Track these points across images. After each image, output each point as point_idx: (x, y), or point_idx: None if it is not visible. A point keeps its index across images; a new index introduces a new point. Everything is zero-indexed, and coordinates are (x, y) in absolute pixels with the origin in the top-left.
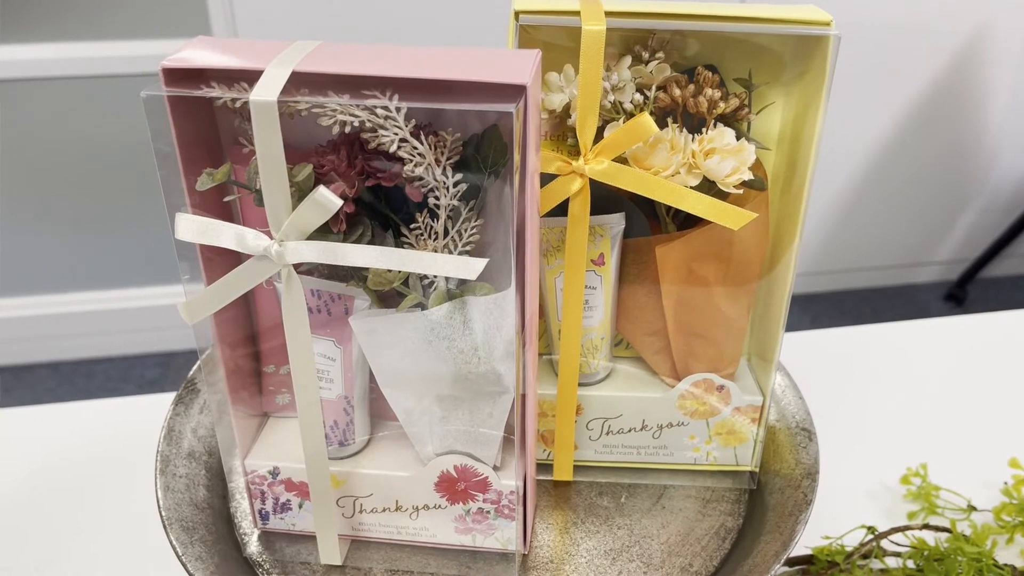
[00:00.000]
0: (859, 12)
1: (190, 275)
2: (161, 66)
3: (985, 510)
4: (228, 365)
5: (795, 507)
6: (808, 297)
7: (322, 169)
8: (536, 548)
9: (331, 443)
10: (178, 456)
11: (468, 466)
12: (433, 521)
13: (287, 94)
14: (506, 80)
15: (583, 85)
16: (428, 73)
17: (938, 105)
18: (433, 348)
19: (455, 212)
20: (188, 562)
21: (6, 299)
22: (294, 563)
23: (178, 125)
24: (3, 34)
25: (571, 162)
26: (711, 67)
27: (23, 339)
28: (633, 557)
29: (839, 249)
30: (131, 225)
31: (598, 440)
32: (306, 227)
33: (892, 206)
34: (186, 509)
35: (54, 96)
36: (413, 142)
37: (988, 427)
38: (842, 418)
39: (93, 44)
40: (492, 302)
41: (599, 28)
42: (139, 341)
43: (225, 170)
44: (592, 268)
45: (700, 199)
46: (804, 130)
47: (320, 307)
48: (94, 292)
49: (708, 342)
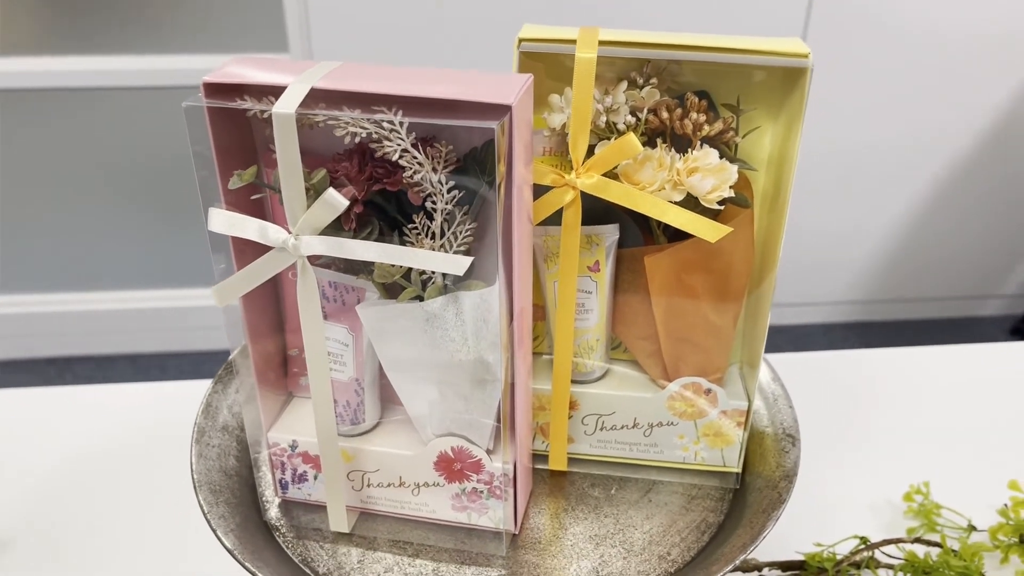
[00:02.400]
0: (936, 22)
1: (225, 265)
2: (202, 80)
3: (984, 531)
4: (257, 349)
5: (769, 505)
6: (864, 325)
7: (336, 174)
8: (527, 529)
9: (343, 421)
10: (213, 428)
11: (463, 448)
12: (433, 498)
13: (307, 108)
14: (493, 100)
15: (576, 106)
16: (426, 93)
17: (1016, 126)
18: (429, 336)
19: (451, 215)
20: (212, 519)
21: (91, 294)
22: (307, 529)
23: (215, 132)
24: (102, 47)
25: (564, 175)
26: (703, 93)
27: (105, 332)
28: (616, 543)
29: (899, 277)
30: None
31: (593, 435)
32: (318, 223)
33: (958, 233)
34: (215, 475)
35: (149, 104)
36: (413, 152)
37: (994, 451)
38: (851, 436)
39: (185, 57)
40: (479, 296)
41: (591, 56)
42: (211, 338)
43: (252, 171)
44: (588, 274)
45: (681, 212)
46: (787, 153)
47: (336, 297)
48: (172, 290)
49: (696, 348)
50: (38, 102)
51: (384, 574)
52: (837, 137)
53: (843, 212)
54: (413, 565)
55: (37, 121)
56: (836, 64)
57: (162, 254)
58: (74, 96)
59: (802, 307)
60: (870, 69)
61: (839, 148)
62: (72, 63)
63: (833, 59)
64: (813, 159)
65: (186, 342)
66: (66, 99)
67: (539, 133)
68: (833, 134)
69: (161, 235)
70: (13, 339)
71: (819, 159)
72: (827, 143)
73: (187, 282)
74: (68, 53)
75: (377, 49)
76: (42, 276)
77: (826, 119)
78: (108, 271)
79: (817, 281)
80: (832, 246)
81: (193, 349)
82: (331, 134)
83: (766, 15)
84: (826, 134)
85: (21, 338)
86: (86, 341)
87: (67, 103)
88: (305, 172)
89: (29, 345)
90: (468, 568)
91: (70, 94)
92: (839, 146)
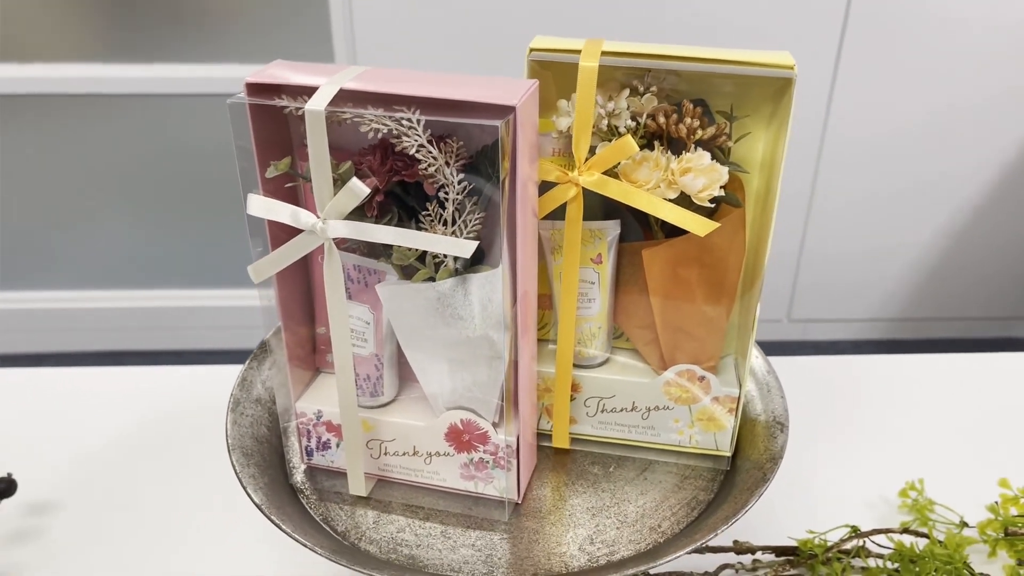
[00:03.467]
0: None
1: (262, 248)
2: (245, 81)
3: (974, 527)
4: (289, 329)
5: (754, 483)
6: (895, 343)
7: (361, 166)
8: (529, 499)
9: (363, 393)
10: (247, 400)
11: (471, 420)
12: (443, 467)
13: (336, 106)
14: (499, 102)
15: (579, 110)
16: (441, 94)
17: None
18: (440, 315)
19: (461, 205)
20: (243, 478)
21: (137, 292)
22: (329, 492)
23: (256, 127)
24: (166, 55)
25: (567, 172)
26: (700, 101)
27: (152, 328)
28: (611, 515)
29: (933, 295)
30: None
31: (594, 417)
32: (344, 209)
33: (994, 251)
34: (248, 440)
35: (194, 110)
36: (429, 147)
37: (988, 452)
38: (848, 433)
39: (236, 67)
40: (485, 278)
41: (593, 65)
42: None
43: (287, 162)
44: (591, 266)
45: (673, 209)
46: (776, 157)
47: (359, 279)
48: (211, 290)
49: (691, 337)
50: (84, 107)
51: (397, 534)
52: (871, 152)
53: (877, 228)
54: (423, 527)
55: (82, 125)
56: (871, 76)
57: (201, 254)
58: (119, 102)
59: (833, 323)
60: (909, 81)
61: (872, 164)
62: (119, 71)
63: (868, 70)
64: (847, 174)
65: (221, 341)
66: (112, 105)
67: (548, 135)
68: (867, 150)
69: (203, 236)
70: (63, 333)
71: (853, 173)
72: (860, 158)
73: (225, 283)
74: (115, 61)
75: (412, 58)
76: (90, 274)
77: (861, 135)
78: (155, 270)
79: (849, 297)
80: (865, 263)
81: (229, 348)
82: (357, 130)
83: (803, 21)
84: (860, 150)
85: (67, 332)
86: (133, 336)
87: (113, 109)
88: (333, 163)
89: (77, 339)
90: (473, 531)
91: (115, 100)
92: (873, 162)
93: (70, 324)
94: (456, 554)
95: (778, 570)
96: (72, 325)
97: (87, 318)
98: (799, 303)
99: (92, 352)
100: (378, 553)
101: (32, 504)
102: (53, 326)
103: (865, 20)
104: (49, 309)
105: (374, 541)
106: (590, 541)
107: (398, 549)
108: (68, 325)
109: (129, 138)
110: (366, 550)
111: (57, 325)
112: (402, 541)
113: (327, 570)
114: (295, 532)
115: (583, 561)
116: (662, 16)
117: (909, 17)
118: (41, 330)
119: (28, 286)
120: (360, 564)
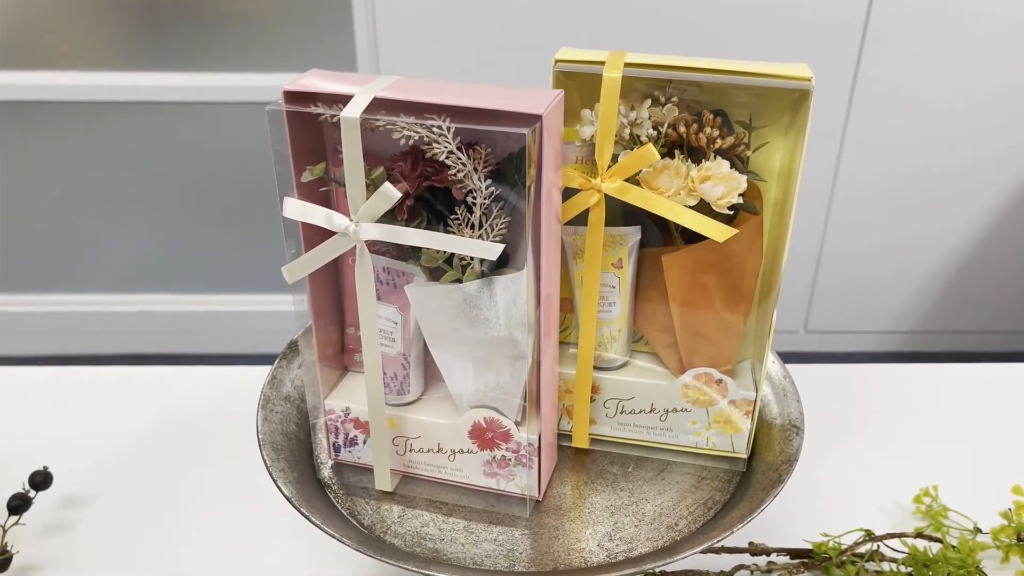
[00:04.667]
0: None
1: (295, 250)
2: (283, 89)
3: (988, 533)
4: (319, 328)
5: (769, 484)
6: (914, 355)
7: (392, 171)
8: (549, 497)
9: (390, 391)
10: (277, 397)
11: (495, 419)
12: (466, 464)
13: (369, 114)
14: (526, 110)
15: (602, 119)
16: (470, 103)
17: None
18: (466, 315)
19: (488, 210)
20: (273, 472)
21: (160, 295)
22: (356, 487)
23: (292, 133)
24: (186, 64)
25: (590, 179)
26: (720, 111)
27: (174, 332)
28: (629, 514)
29: (953, 307)
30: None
31: (613, 418)
32: (375, 212)
33: (1014, 265)
34: (278, 436)
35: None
36: (458, 154)
37: (1001, 461)
38: (863, 439)
39: (263, 76)
40: (510, 280)
41: (616, 76)
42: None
43: (321, 167)
44: (612, 271)
45: (693, 215)
46: (793, 167)
47: (388, 280)
48: (235, 295)
49: (708, 341)
50: (105, 114)
51: (421, 528)
52: (890, 161)
53: (896, 239)
54: (447, 522)
55: (118, 133)
56: (889, 86)
57: (230, 260)
58: (141, 110)
59: (851, 335)
60: (928, 89)
61: (892, 173)
62: (139, 79)
63: (886, 79)
64: (866, 183)
65: (238, 345)
66: (135, 112)
67: (572, 144)
68: (886, 159)
69: (229, 242)
70: (89, 336)
71: (872, 183)
72: (880, 167)
73: (245, 288)
74: (145, 70)
75: (433, 68)
76: (111, 278)
77: (880, 143)
78: (175, 275)
79: (867, 309)
80: (883, 274)
81: (256, 352)
82: (389, 137)
83: (823, 30)
84: (879, 158)
85: (96, 335)
86: (156, 340)
87: (137, 116)
88: (366, 168)
89: (105, 342)
90: (495, 527)
91: (138, 108)
92: (892, 170)
93: (93, 327)
94: (479, 548)
95: (793, 572)
96: (94, 328)
97: (111, 321)
98: (816, 314)
99: (114, 355)
100: (403, 546)
101: (67, 497)
102: (76, 328)
103: (884, 28)
104: (72, 312)
105: (399, 535)
106: (608, 538)
107: (422, 543)
108: (91, 328)
109: (151, 145)
110: (391, 543)
111: (80, 328)
112: (426, 535)
113: (353, 562)
114: (324, 524)
115: (602, 557)
116: (682, 29)
117: (929, 20)
118: (66, 332)
119: (54, 290)
120: (387, 556)
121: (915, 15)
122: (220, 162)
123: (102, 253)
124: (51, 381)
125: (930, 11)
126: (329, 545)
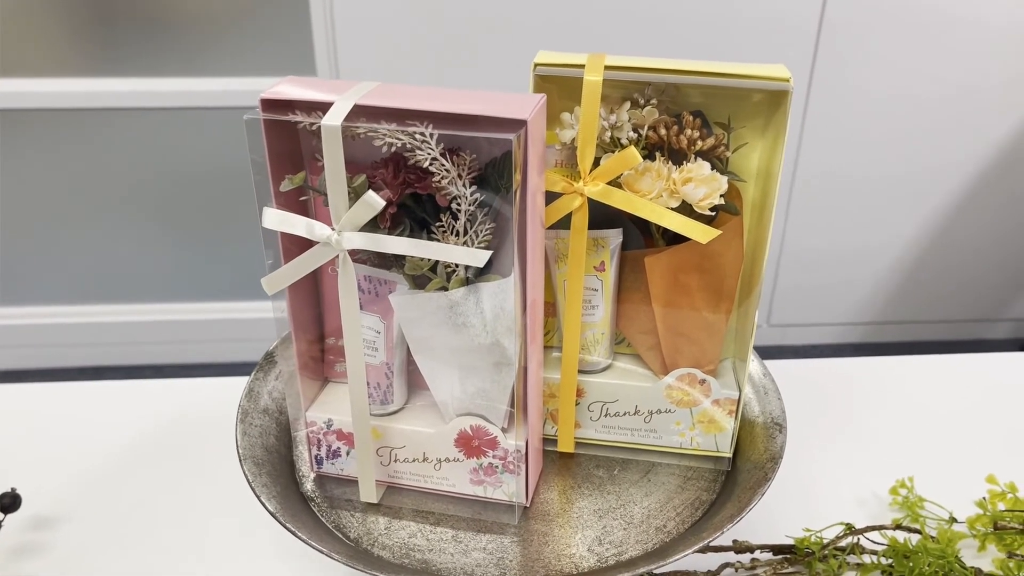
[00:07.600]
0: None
1: (273, 260)
2: (260, 97)
3: (963, 522)
4: (299, 338)
5: (755, 483)
6: (875, 346)
7: (375, 179)
8: (537, 503)
9: (374, 401)
10: (255, 410)
11: (481, 426)
12: (452, 472)
13: (350, 121)
14: (511, 116)
15: (583, 123)
16: (453, 108)
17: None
18: (452, 323)
19: (473, 216)
20: (256, 487)
21: (121, 306)
22: (340, 500)
23: (270, 142)
24: (146, 70)
25: (573, 183)
26: (698, 112)
27: (134, 343)
28: (617, 517)
29: (911, 298)
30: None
31: (598, 421)
32: (358, 221)
33: (969, 254)
34: (258, 450)
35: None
36: (441, 160)
37: (975, 450)
38: (840, 433)
39: (221, 80)
40: (496, 287)
41: (596, 79)
42: (236, 350)
43: (301, 176)
44: (594, 273)
45: (675, 217)
46: (772, 167)
47: (370, 289)
48: (198, 303)
49: (691, 342)
50: (71, 121)
51: (408, 539)
52: (847, 158)
53: (854, 233)
54: (434, 532)
55: (72, 139)
56: (846, 85)
57: (191, 268)
58: (103, 116)
59: (813, 327)
60: (879, 91)
61: (849, 169)
62: (104, 84)
63: (842, 79)
64: (824, 179)
65: (207, 354)
66: (99, 119)
67: (551, 147)
68: (843, 155)
69: (190, 250)
70: (47, 348)
71: (830, 179)
72: (837, 164)
73: (213, 296)
74: (99, 75)
75: (393, 72)
76: (74, 289)
77: (837, 141)
78: (137, 285)
79: (828, 302)
80: (843, 267)
81: (218, 361)
82: (370, 144)
83: (778, 30)
84: (836, 155)
85: (55, 348)
86: (120, 351)
87: (102, 123)
88: (348, 177)
89: (63, 355)
90: (483, 535)
91: (101, 114)
92: (849, 167)
93: (51, 340)
94: (468, 557)
95: (776, 568)
96: (53, 341)
97: (70, 333)
98: (778, 307)
99: (82, 367)
100: (392, 558)
101: (38, 518)
102: (51, 341)
103: (839, 26)
104: (47, 324)
105: (387, 547)
106: (598, 542)
107: (411, 554)
108: (49, 341)
109: (114, 152)
110: (380, 556)
111: (50, 340)
112: (414, 546)
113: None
114: (311, 539)
115: (592, 562)
116: (656, 30)
117: (884, 20)
118: (40, 345)
119: (30, 301)
120: (376, 569)
121: (870, 15)
122: (187, 168)
123: (60, 263)
124: (18, 399)
125: (885, 11)
126: (316, 560)
